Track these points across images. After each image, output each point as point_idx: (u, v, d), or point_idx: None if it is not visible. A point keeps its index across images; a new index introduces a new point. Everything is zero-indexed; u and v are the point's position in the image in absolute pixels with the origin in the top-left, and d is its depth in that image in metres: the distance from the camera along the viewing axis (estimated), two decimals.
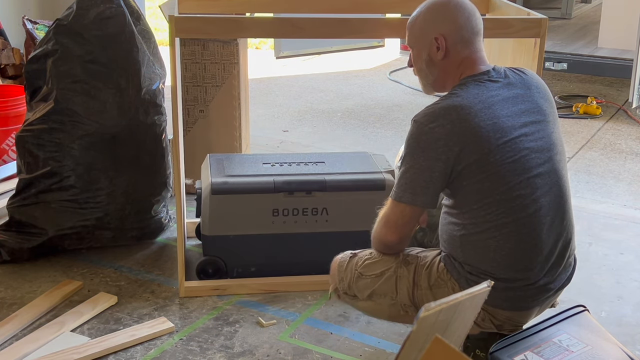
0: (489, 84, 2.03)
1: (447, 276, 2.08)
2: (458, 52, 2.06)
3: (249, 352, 2.36)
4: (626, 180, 3.98)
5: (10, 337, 2.39)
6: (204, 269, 2.73)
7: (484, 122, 1.95)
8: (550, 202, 2.02)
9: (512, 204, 1.97)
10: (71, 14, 2.79)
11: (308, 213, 2.73)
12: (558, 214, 2.05)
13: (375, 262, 2.15)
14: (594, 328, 2.29)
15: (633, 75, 4.94)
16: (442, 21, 2.06)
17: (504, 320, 2.09)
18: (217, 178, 2.73)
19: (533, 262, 2.02)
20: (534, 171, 1.99)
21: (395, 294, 2.12)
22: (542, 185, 2.01)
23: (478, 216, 1.99)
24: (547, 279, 2.07)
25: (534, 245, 2.01)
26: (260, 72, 6.09)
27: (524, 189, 1.98)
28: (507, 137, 1.97)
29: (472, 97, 1.98)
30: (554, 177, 2.04)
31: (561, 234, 2.07)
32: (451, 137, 1.94)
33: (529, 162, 1.98)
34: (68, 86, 2.77)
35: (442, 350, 1.58)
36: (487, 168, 1.96)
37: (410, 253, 2.16)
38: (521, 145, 1.98)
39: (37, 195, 2.82)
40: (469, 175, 1.96)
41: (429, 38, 2.07)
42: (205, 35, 3.05)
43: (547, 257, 2.04)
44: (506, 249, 2.00)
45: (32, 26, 4.52)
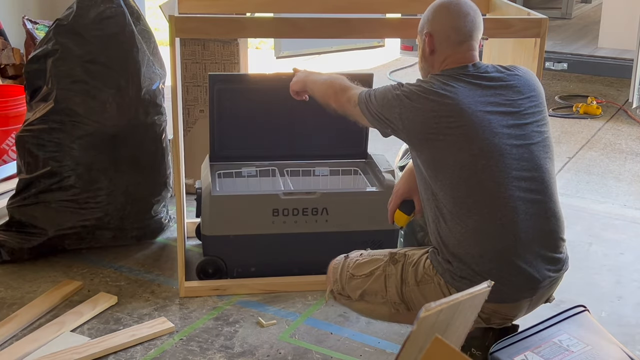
0: (465, 77, 2.10)
1: (432, 272, 2.12)
2: (443, 51, 2.15)
3: (249, 352, 2.36)
4: (626, 180, 3.98)
5: (10, 337, 2.39)
6: (204, 269, 2.73)
7: (464, 104, 2.03)
8: (529, 195, 2.05)
9: (485, 189, 2.02)
10: (71, 14, 2.79)
11: (308, 213, 2.73)
12: (539, 206, 2.07)
13: (365, 262, 2.21)
14: (594, 328, 2.29)
15: (633, 75, 4.94)
16: (434, 20, 2.17)
17: (490, 313, 2.10)
18: None
19: (508, 249, 2.04)
20: (508, 159, 2.03)
21: (385, 292, 2.16)
22: (517, 173, 2.04)
23: (455, 204, 2.04)
24: (530, 270, 2.06)
25: (506, 232, 2.03)
26: None
27: (496, 174, 2.02)
28: (482, 123, 2.02)
29: (438, 84, 2.07)
30: (535, 169, 2.07)
31: (542, 226, 2.09)
32: (440, 106, 2.02)
33: (504, 150, 2.03)
34: (68, 86, 2.77)
35: (442, 350, 1.58)
36: (461, 137, 2.01)
37: (399, 252, 2.21)
38: (495, 131, 2.03)
39: (37, 195, 2.82)
40: (444, 142, 2.02)
41: (423, 33, 2.20)
42: (206, 35, 3.05)
43: (526, 246, 2.05)
44: (479, 237, 2.03)
45: (32, 26, 4.52)
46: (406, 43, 5.88)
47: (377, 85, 2.29)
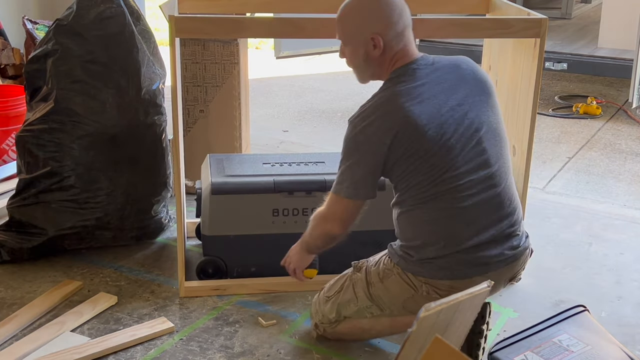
0: (417, 71, 2.16)
1: (390, 264, 2.23)
2: (392, 47, 2.17)
3: (249, 352, 2.36)
4: (626, 180, 3.98)
5: (10, 337, 2.39)
6: (204, 269, 2.73)
7: (412, 112, 2.09)
8: (478, 179, 2.14)
9: (435, 181, 2.12)
10: (71, 14, 2.79)
11: (308, 213, 2.72)
12: (489, 191, 2.16)
13: (334, 282, 2.36)
14: (594, 328, 2.29)
15: (633, 75, 4.94)
16: (377, 20, 2.17)
17: (447, 289, 2.16)
18: (217, 178, 2.73)
19: (455, 231, 2.14)
20: (457, 152, 2.12)
21: (355, 299, 2.28)
22: (467, 164, 2.13)
23: (410, 196, 2.16)
24: (481, 249, 2.16)
25: (454, 215, 2.14)
26: (260, 72, 6.09)
27: (447, 168, 2.11)
28: (434, 122, 2.10)
29: (398, 90, 2.13)
30: (482, 157, 2.15)
31: (496, 210, 2.17)
32: (382, 132, 2.09)
33: (454, 144, 2.12)
34: (68, 86, 2.77)
35: (442, 350, 1.58)
36: (417, 153, 2.11)
37: (361, 260, 2.35)
38: (447, 128, 2.12)
39: (37, 195, 2.82)
40: (401, 163, 2.13)
41: (365, 37, 2.16)
42: (206, 35, 3.05)
43: (476, 228, 2.15)
44: (427, 219, 2.15)
45: (32, 26, 4.52)
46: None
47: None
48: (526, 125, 2.65)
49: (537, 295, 2.74)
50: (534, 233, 3.22)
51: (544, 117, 5.03)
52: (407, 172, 2.14)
